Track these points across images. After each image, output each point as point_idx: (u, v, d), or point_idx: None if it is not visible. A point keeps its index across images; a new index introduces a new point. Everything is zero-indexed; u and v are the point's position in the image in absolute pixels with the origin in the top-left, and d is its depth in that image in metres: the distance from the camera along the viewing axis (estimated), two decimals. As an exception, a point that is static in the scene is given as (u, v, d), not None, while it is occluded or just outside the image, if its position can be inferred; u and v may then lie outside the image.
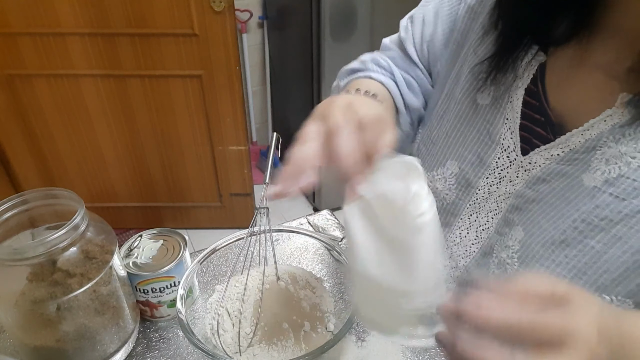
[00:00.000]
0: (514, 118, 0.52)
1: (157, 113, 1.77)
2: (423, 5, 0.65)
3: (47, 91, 1.67)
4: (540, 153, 0.50)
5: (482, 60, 0.54)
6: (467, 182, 0.57)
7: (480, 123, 0.55)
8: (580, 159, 0.46)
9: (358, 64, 0.67)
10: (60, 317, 0.54)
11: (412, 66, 0.65)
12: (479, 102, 0.56)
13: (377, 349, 0.63)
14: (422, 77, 0.65)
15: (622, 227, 0.43)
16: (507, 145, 0.53)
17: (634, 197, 0.43)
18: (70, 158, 1.85)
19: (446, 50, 0.62)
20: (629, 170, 0.43)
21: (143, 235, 0.67)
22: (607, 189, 0.44)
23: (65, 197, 0.56)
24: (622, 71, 0.44)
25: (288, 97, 2.25)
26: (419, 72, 0.65)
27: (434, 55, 0.63)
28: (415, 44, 0.65)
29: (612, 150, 0.44)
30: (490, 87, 0.54)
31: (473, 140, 0.56)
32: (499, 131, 0.53)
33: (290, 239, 0.68)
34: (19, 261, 0.51)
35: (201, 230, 2.10)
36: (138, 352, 0.63)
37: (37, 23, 1.52)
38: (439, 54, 0.63)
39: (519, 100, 0.52)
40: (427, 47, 0.64)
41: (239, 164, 1.92)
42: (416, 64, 0.65)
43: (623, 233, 0.43)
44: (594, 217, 0.45)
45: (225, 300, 0.61)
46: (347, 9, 1.73)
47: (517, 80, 0.52)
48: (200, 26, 1.57)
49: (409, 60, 0.65)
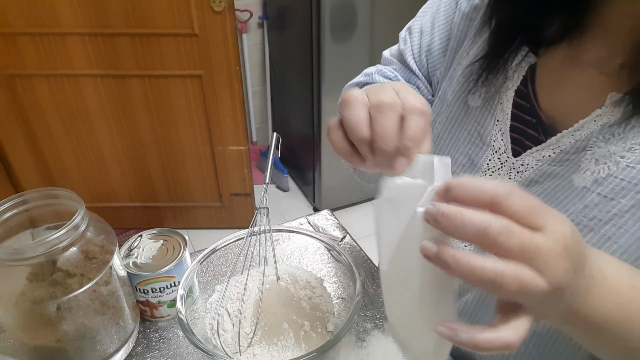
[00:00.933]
0: (504, 120, 0.52)
1: (157, 113, 1.77)
2: (420, 15, 0.65)
3: (47, 91, 1.67)
4: (532, 154, 0.50)
5: (473, 61, 0.54)
6: None
7: (471, 125, 0.56)
8: (571, 160, 0.47)
9: (363, 77, 0.68)
10: (60, 317, 0.54)
11: (413, 77, 0.66)
12: (470, 104, 0.56)
13: (377, 349, 0.63)
14: (423, 87, 0.65)
15: (611, 227, 0.43)
16: (498, 147, 0.53)
17: (622, 197, 0.43)
18: (70, 158, 1.85)
19: (444, 59, 0.62)
20: (618, 170, 0.43)
21: (143, 235, 0.67)
22: (596, 188, 0.44)
23: (65, 197, 0.56)
24: (614, 68, 0.44)
25: (288, 97, 2.26)
26: (419, 82, 0.66)
27: (432, 64, 0.64)
28: (414, 55, 0.65)
29: (602, 150, 0.44)
30: (481, 88, 0.54)
31: (464, 142, 0.56)
32: (490, 133, 0.54)
33: (290, 239, 0.68)
34: (19, 261, 0.51)
35: (201, 230, 2.10)
36: (138, 352, 0.63)
37: (37, 23, 1.52)
38: (437, 62, 0.63)
39: (509, 102, 0.52)
40: (425, 57, 0.64)
41: (239, 164, 1.92)
42: (417, 75, 0.65)
43: (612, 233, 0.43)
44: (582, 217, 0.45)
45: (225, 300, 0.61)
46: (347, 9, 1.73)
47: (507, 81, 0.52)
48: (200, 26, 1.57)
49: (409, 72, 0.66)
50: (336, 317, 0.60)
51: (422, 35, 0.64)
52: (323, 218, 0.86)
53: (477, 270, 0.28)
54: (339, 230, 0.83)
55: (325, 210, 0.88)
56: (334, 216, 0.86)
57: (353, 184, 2.18)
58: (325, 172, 2.10)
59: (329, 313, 0.60)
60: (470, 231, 0.29)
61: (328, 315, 0.60)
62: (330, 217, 0.86)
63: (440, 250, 0.30)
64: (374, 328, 0.66)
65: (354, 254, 0.79)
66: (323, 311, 0.60)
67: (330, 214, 0.87)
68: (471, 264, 0.29)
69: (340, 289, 0.63)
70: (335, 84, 1.89)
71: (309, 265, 0.67)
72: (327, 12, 1.71)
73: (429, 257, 0.30)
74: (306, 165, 2.23)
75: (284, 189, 2.40)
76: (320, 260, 0.66)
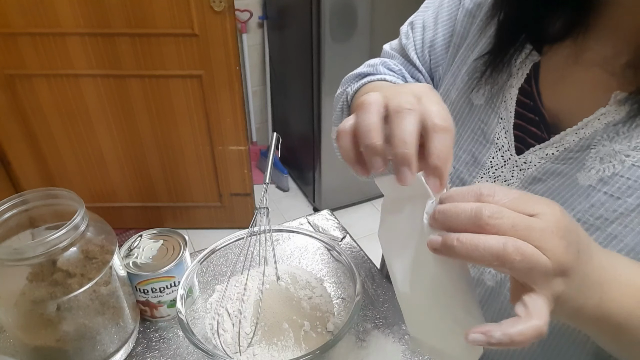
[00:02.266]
0: (507, 118, 0.52)
1: (157, 113, 1.77)
2: (422, 10, 0.65)
3: (47, 91, 1.67)
4: (535, 152, 0.50)
5: (477, 58, 0.54)
6: (462, 182, 0.57)
7: (475, 123, 0.56)
8: (575, 158, 0.47)
9: (367, 69, 0.67)
10: (60, 317, 0.54)
11: (416, 72, 0.66)
12: (473, 102, 0.56)
13: (377, 349, 0.63)
14: (425, 82, 0.65)
15: (617, 226, 0.43)
16: (502, 144, 0.53)
17: (629, 196, 0.43)
18: (70, 158, 1.85)
19: (447, 55, 0.62)
20: (623, 169, 0.43)
21: (143, 235, 0.67)
22: (602, 187, 0.44)
23: (65, 197, 0.56)
24: (618, 67, 0.44)
25: (288, 97, 2.26)
26: (421, 77, 0.65)
27: (435, 60, 0.64)
28: (417, 50, 0.65)
29: (606, 148, 0.44)
30: (485, 86, 0.54)
31: (467, 140, 0.56)
32: (493, 130, 0.54)
33: (290, 239, 0.68)
34: (19, 261, 0.50)
35: (201, 230, 2.10)
36: (138, 352, 0.63)
37: (37, 23, 1.52)
38: (440, 58, 0.63)
39: (512, 100, 0.52)
40: (428, 52, 0.64)
41: (239, 164, 1.92)
42: (419, 70, 0.65)
43: (618, 232, 0.43)
44: (589, 216, 0.45)
45: (225, 300, 0.61)
46: (347, 9, 1.73)
47: (510, 79, 0.52)
48: (200, 26, 1.57)
49: (411, 66, 0.66)
50: (336, 317, 0.60)
51: (424, 31, 0.64)
52: (323, 218, 0.86)
53: (480, 245, 0.30)
54: (339, 230, 0.83)
55: (325, 210, 0.88)
56: (334, 216, 0.86)
57: (353, 184, 2.18)
58: (325, 172, 2.10)
59: (329, 313, 0.60)
60: (464, 219, 0.31)
61: (328, 315, 0.60)
62: (330, 217, 0.86)
63: (444, 238, 0.31)
64: (374, 328, 0.66)
65: (354, 254, 0.79)
66: (323, 311, 0.60)
67: (330, 214, 0.87)
68: (474, 241, 0.30)
69: (340, 289, 0.63)
70: (335, 83, 1.87)
71: (309, 265, 0.67)
72: (327, 12, 1.71)
73: (436, 249, 0.32)
74: (306, 165, 2.23)
75: (284, 189, 2.40)
76: (320, 260, 0.66)
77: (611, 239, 0.44)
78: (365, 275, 0.75)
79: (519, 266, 0.30)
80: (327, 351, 0.49)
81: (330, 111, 1.94)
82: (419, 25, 0.64)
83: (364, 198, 2.28)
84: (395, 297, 0.70)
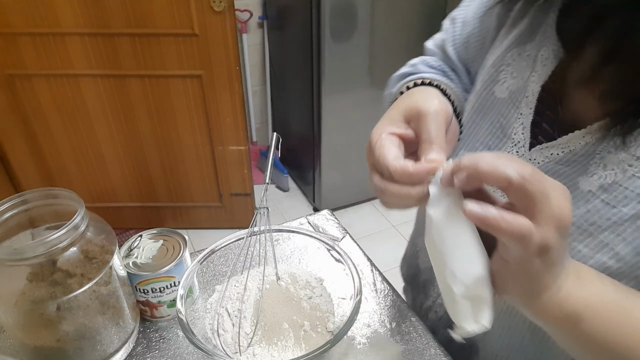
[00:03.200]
0: (527, 114, 0.52)
1: (157, 113, 1.77)
2: (465, 5, 0.65)
3: (47, 91, 1.67)
4: (541, 150, 0.50)
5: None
6: None
7: (495, 116, 0.55)
8: (579, 162, 0.46)
9: (408, 68, 0.68)
10: (60, 317, 0.54)
11: (454, 67, 0.66)
12: (496, 95, 0.55)
13: (377, 349, 0.63)
14: (463, 77, 0.66)
15: (610, 234, 0.43)
16: (518, 140, 0.53)
17: (624, 205, 0.43)
18: (70, 158, 1.85)
19: (483, 50, 0.62)
20: (624, 178, 0.43)
21: (143, 235, 0.67)
22: (601, 194, 0.44)
23: (65, 197, 0.56)
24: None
25: (288, 97, 2.26)
26: (459, 72, 0.66)
27: (473, 55, 0.64)
28: (456, 45, 0.65)
29: (612, 155, 0.44)
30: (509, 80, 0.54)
31: (485, 133, 0.56)
32: (512, 126, 0.53)
33: (290, 239, 0.68)
34: (19, 261, 0.51)
35: (201, 230, 2.10)
36: (138, 352, 0.63)
37: (37, 23, 1.53)
38: (477, 54, 0.63)
39: (534, 96, 0.51)
40: (465, 48, 0.64)
41: (239, 164, 1.92)
42: (456, 65, 0.66)
43: (610, 240, 0.43)
44: (583, 221, 0.45)
45: (225, 300, 0.61)
46: (347, 9, 1.73)
47: (534, 74, 0.51)
48: (200, 26, 1.58)
49: (449, 61, 0.66)
50: (336, 317, 0.60)
51: (464, 26, 0.64)
52: (323, 218, 0.86)
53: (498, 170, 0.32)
54: (339, 230, 0.83)
55: (325, 210, 0.88)
56: (334, 216, 0.86)
57: (353, 184, 2.19)
58: (325, 172, 2.10)
59: (329, 313, 0.60)
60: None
61: (328, 315, 0.60)
62: (330, 217, 0.86)
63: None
64: (374, 328, 0.66)
65: (353, 254, 0.79)
66: (323, 311, 0.60)
67: (330, 214, 0.87)
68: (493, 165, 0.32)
69: (340, 289, 0.63)
70: (335, 84, 1.89)
71: (309, 265, 0.67)
72: (327, 12, 1.71)
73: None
74: (306, 165, 2.23)
75: (284, 189, 2.40)
76: (320, 260, 0.66)
77: (602, 247, 0.44)
78: (365, 275, 0.75)
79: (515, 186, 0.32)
80: (327, 351, 0.49)
81: (330, 111, 1.94)
82: (460, 20, 0.65)
83: (364, 198, 2.28)
84: (395, 297, 0.70)
